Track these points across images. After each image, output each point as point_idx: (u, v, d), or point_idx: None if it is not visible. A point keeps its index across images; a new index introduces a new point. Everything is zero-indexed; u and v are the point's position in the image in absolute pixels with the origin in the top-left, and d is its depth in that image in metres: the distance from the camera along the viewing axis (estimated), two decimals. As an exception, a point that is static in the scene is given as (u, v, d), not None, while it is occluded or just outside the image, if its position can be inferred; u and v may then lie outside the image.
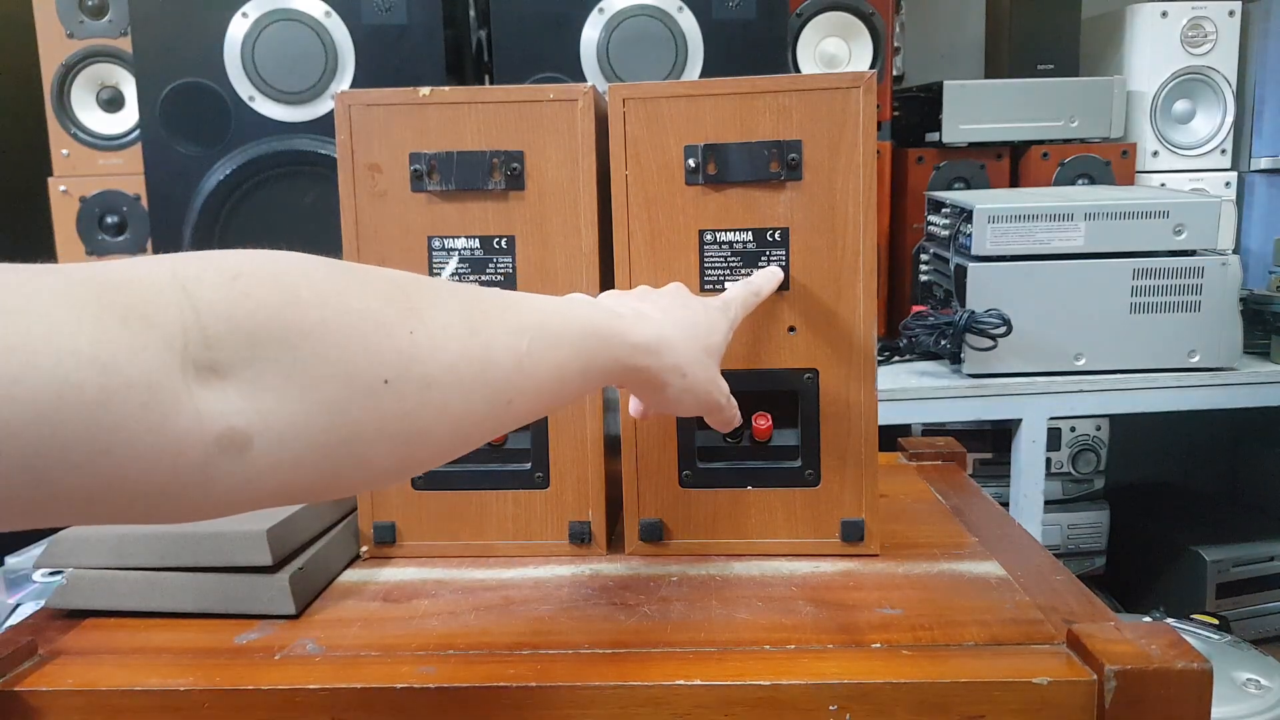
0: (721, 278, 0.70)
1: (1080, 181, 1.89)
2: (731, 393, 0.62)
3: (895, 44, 1.87)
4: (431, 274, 0.71)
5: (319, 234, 1.47)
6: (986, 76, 2.07)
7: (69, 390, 0.31)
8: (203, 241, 1.49)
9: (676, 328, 0.57)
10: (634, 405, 0.64)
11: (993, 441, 1.81)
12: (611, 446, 0.73)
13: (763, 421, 0.71)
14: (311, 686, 0.54)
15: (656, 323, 0.56)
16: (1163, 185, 1.93)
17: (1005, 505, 1.52)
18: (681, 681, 0.53)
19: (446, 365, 0.42)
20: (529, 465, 0.72)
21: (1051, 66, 1.96)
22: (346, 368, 0.38)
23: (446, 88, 0.70)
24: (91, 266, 0.34)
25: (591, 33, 1.50)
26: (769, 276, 0.68)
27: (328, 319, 0.38)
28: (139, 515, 0.35)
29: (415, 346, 0.40)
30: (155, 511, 0.35)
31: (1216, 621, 1.55)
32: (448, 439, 0.43)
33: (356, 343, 0.38)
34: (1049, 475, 1.77)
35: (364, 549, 0.74)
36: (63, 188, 1.66)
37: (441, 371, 0.41)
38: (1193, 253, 1.56)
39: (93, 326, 0.32)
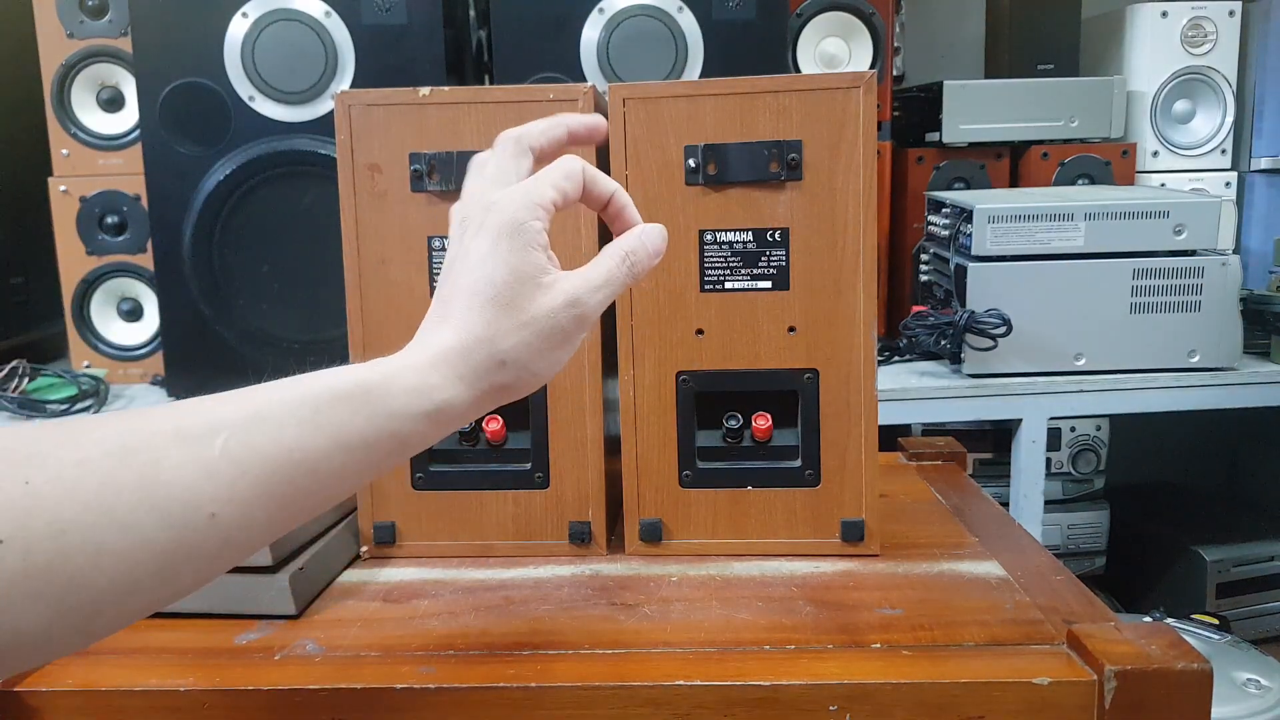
0: (722, 278, 0.70)
1: (1080, 181, 1.89)
2: (733, 393, 0.61)
3: (895, 44, 1.87)
4: (432, 274, 0.71)
5: (319, 234, 1.47)
6: (986, 76, 2.07)
7: None
8: (203, 241, 1.49)
9: (454, 328, 0.47)
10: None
11: (993, 441, 1.81)
12: (611, 446, 0.73)
13: (763, 421, 0.71)
14: (311, 687, 0.54)
15: (425, 349, 0.47)
16: (1163, 185, 1.93)
17: (1005, 505, 1.52)
18: (681, 681, 0.53)
19: (85, 504, 0.37)
20: (529, 465, 0.72)
21: (1051, 66, 1.96)
22: None
23: (446, 88, 0.70)
24: None
25: (591, 33, 1.50)
26: (584, 118, 0.55)
27: None
28: None
29: (34, 496, 0.36)
30: None
31: (1217, 621, 1.55)
32: (124, 582, 0.38)
33: None
34: (1049, 475, 1.77)
35: (364, 549, 0.74)
36: (63, 188, 1.66)
37: (78, 511, 0.37)
38: (1193, 253, 1.56)
39: None
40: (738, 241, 0.69)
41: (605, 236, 0.70)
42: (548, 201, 0.50)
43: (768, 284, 0.70)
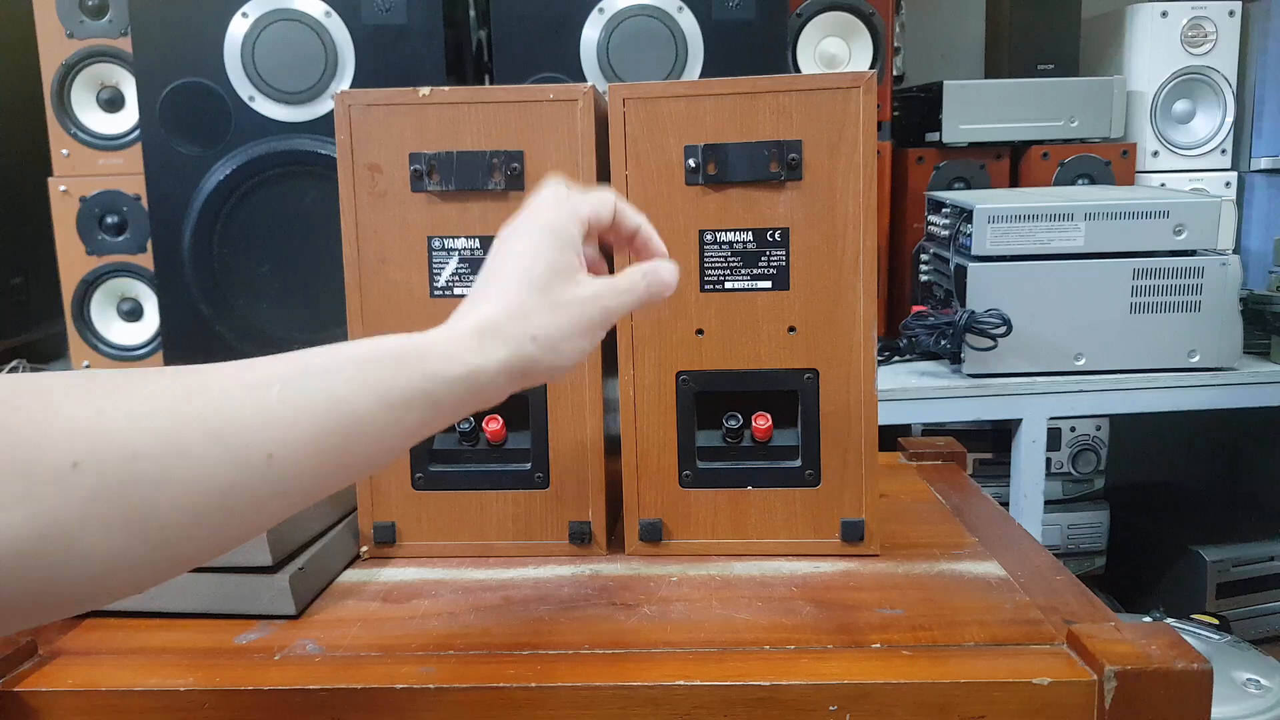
0: (722, 278, 0.70)
1: (1080, 181, 1.89)
2: (733, 393, 0.61)
3: (895, 44, 1.87)
4: (432, 274, 0.71)
5: (319, 234, 1.47)
6: (986, 76, 2.07)
7: None
8: (203, 241, 1.49)
9: (488, 301, 0.50)
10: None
11: (993, 441, 1.81)
12: (611, 446, 0.73)
13: (763, 421, 0.71)
14: (311, 687, 0.54)
15: (462, 315, 0.50)
16: (1163, 185, 1.93)
17: (1005, 505, 1.52)
18: (681, 682, 0.53)
19: (155, 431, 0.39)
20: (529, 465, 0.72)
21: (1051, 66, 1.96)
22: (20, 461, 0.36)
23: (446, 88, 0.70)
24: None
25: (591, 33, 1.50)
26: (633, 214, 0.58)
27: None
28: None
29: (107, 422, 0.38)
30: None
31: (1216, 621, 1.55)
32: (190, 513, 0.40)
33: (30, 436, 0.37)
34: (1049, 475, 1.77)
35: (364, 549, 0.74)
36: (63, 188, 1.66)
37: (151, 440, 0.39)
38: (1193, 253, 1.56)
39: None
40: (738, 241, 0.69)
41: (605, 241, 0.70)
42: (584, 215, 0.54)
43: (768, 284, 0.70)
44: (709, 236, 0.70)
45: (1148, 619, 1.10)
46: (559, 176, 0.57)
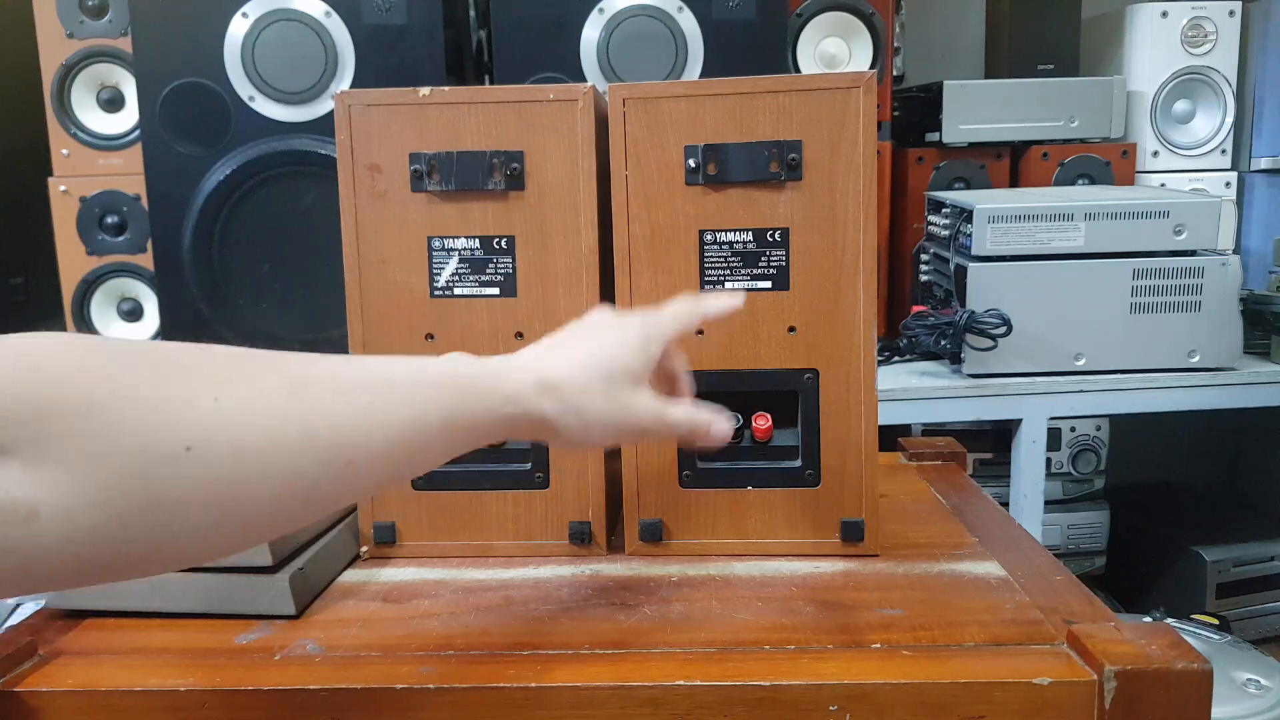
0: (721, 277, 0.70)
1: (1080, 181, 1.89)
2: (733, 393, 0.62)
3: (895, 44, 1.87)
4: (432, 274, 0.71)
5: (319, 234, 1.47)
6: (986, 76, 2.07)
7: None
8: (203, 241, 1.49)
9: (561, 364, 0.54)
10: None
11: (993, 441, 1.81)
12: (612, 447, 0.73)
13: (763, 421, 0.71)
14: (311, 687, 0.54)
15: (532, 366, 0.54)
16: (1163, 185, 1.93)
17: (1005, 505, 1.51)
18: (681, 682, 0.53)
19: (262, 429, 0.42)
20: (529, 465, 0.72)
21: (1051, 66, 1.96)
22: (139, 438, 0.38)
23: (446, 88, 0.70)
24: None
25: (591, 33, 1.50)
26: (721, 301, 0.63)
27: (117, 391, 0.39)
28: None
29: (221, 412, 0.41)
30: None
31: (1217, 622, 1.55)
32: (275, 505, 0.43)
33: (149, 413, 0.39)
34: (1049, 475, 1.77)
35: (364, 549, 0.74)
36: (63, 188, 1.66)
37: (256, 435, 0.41)
38: (1193, 253, 1.56)
39: None
40: (738, 241, 0.69)
41: (605, 238, 0.70)
42: (670, 337, 0.60)
43: (768, 284, 0.70)
44: (709, 236, 0.70)
45: (1148, 619, 1.10)
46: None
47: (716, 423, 0.59)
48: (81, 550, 0.38)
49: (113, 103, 1.68)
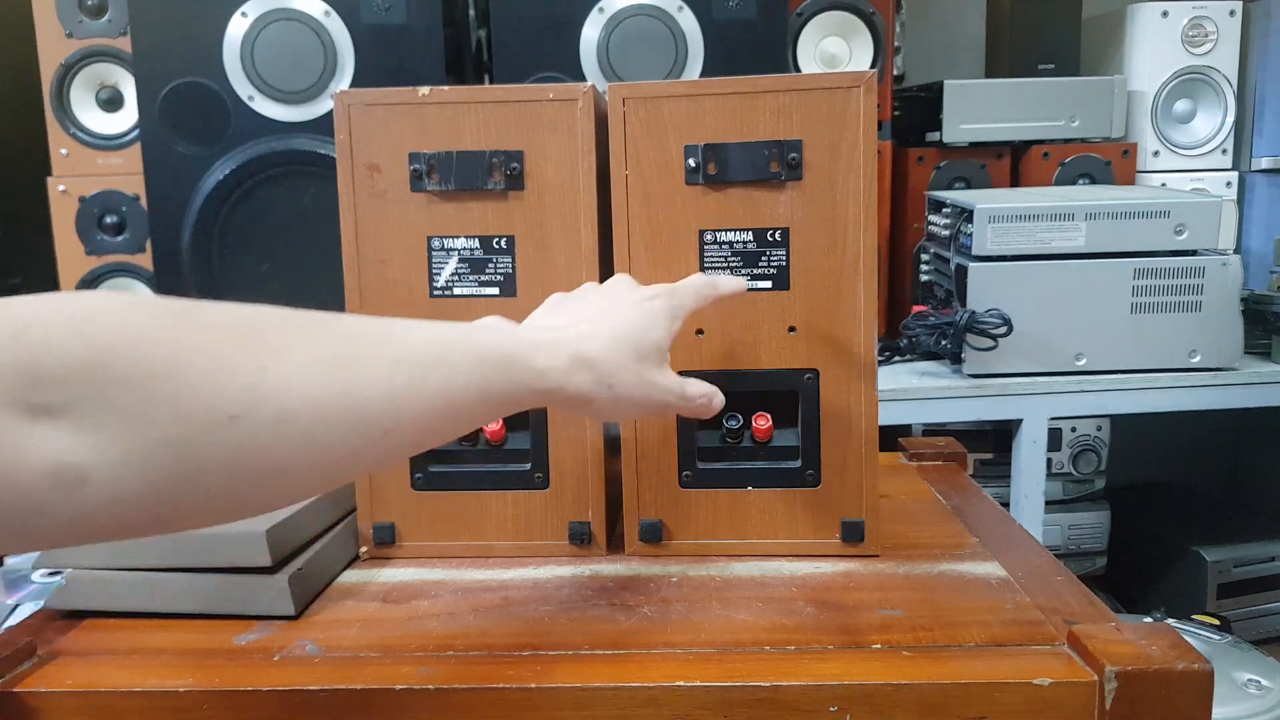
0: (721, 278, 0.70)
1: (1081, 181, 1.89)
2: (732, 393, 0.62)
3: (895, 43, 1.87)
4: (431, 274, 0.71)
5: (318, 234, 1.47)
6: (987, 76, 2.07)
7: None
8: (202, 241, 1.49)
9: (596, 340, 0.56)
10: None
11: (993, 441, 1.81)
12: (611, 446, 0.73)
13: (763, 421, 0.71)
14: (311, 687, 0.54)
15: (568, 341, 0.55)
16: (1163, 185, 1.93)
17: (1006, 505, 1.51)
18: (681, 682, 0.53)
19: (305, 398, 0.42)
20: (529, 465, 0.72)
21: (1052, 66, 1.96)
22: (186, 405, 0.39)
23: (446, 87, 0.70)
24: None
25: (591, 32, 1.50)
26: (733, 282, 0.66)
27: (167, 357, 0.39)
28: None
29: (266, 382, 0.41)
30: None
31: (1217, 622, 1.55)
32: (314, 471, 0.44)
33: (197, 380, 0.39)
34: (1049, 475, 1.77)
35: (364, 549, 0.73)
36: (62, 188, 1.66)
37: (299, 404, 0.42)
38: (1193, 253, 1.56)
39: None
40: (738, 241, 0.69)
41: (605, 238, 0.70)
42: (690, 310, 0.62)
43: (768, 284, 0.70)
44: (709, 236, 0.69)
45: (1148, 619, 1.10)
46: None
47: (717, 395, 0.62)
48: (124, 512, 0.39)
49: (112, 102, 1.68)
